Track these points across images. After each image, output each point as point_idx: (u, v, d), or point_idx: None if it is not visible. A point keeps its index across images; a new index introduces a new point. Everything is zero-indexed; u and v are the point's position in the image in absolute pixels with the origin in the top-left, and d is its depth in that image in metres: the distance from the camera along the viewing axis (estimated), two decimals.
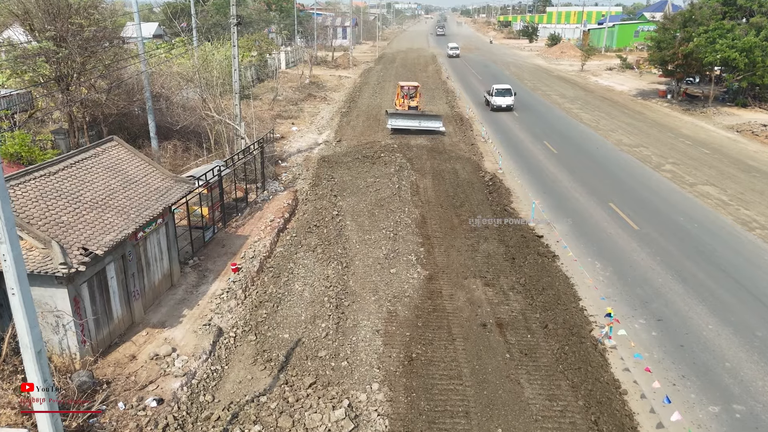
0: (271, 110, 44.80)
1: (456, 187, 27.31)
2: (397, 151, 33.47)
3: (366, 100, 51.46)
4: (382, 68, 77.10)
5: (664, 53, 48.60)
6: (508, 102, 45.88)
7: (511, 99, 46.01)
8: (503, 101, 45.96)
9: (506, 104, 45.84)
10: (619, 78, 68.31)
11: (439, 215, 23.64)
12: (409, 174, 29.15)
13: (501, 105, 45.83)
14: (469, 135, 38.23)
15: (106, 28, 24.96)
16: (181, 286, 17.08)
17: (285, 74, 67.05)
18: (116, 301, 14.03)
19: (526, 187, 27.51)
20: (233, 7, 25.06)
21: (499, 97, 46.10)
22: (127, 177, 15.46)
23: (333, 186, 27.28)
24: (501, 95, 46.25)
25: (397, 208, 24.08)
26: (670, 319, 15.70)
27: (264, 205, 23.92)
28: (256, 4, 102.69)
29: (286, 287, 17.40)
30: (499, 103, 45.84)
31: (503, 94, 46.36)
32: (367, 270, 18.59)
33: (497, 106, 46.03)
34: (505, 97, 46.04)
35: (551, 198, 25.90)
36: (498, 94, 46.34)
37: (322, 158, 32.38)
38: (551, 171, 29.97)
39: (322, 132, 39.32)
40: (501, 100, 46.00)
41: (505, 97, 46.09)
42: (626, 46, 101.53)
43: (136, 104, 27.21)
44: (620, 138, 37.46)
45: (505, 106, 45.76)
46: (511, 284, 17.68)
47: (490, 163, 31.72)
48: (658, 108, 49.61)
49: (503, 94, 46.36)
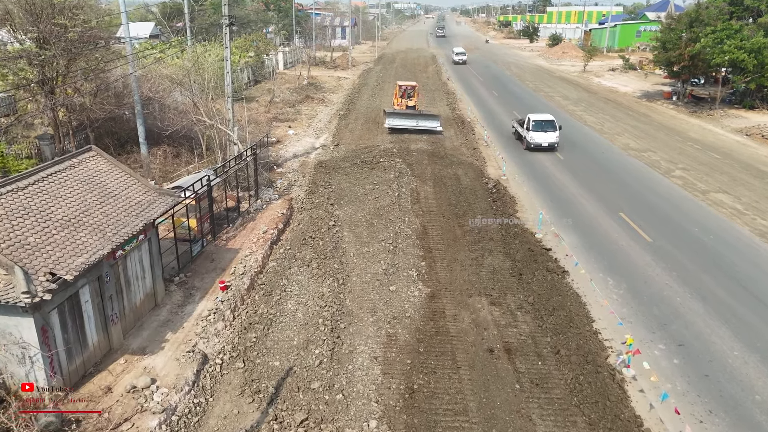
0: (267, 113, 43.67)
1: (458, 194, 26.17)
2: (397, 155, 32.33)
3: (365, 102, 50.32)
4: (382, 69, 75.94)
5: (669, 54, 47.48)
6: (551, 140, 33.04)
7: (555, 135, 33.23)
8: (544, 138, 33.05)
9: (548, 142, 32.98)
10: (623, 79, 67.17)
11: (441, 225, 22.50)
12: (409, 180, 28.01)
13: (541, 143, 32.93)
14: (470, 139, 37.09)
15: (92, 29, 23.78)
16: (166, 306, 15.93)
17: (283, 75, 65.93)
18: (91, 327, 12.89)
19: (532, 194, 26.37)
20: (225, 7, 23.90)
21: (539, 133, 33.34)
22: (106, 190, 14.31)
23: (330, 193, 26.14)
24: (541, 129, 33.51)
25: (396, 218, 22.94)
26: (692, 344, 14.56)
27: (257, 215, 22.76)
28: (254, 4, 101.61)
29: (278, 307, 16.26)
30: (539, 141, 32.95)
31: (544, 127, 33.66)
32: (364, 287, 17.45)
33: (536, 145, 33.04)
34: (546, 133, 33.29)
35: (558, 206, 24.76)
36: (537, 128, 33.56)
37: (319, 163, 31.25)
38: (557, 177, 28.82)
39: (320, 135, 38.18)
40: (541, 136, 33.14)
41: (547, 132, 33.37)
42: (628, 46, 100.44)
43: (124, 108, 26.03)
44: (627, 142, 36.32)
45: (547, 144, 32.93)
46: (518, 303, 16.54)
47: (494, 169, 30.58)
48: (663, 110, 48.47)
49: (544, 127, 33.66)
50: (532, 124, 33.86)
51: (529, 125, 33.85)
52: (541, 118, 34.56)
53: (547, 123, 33.95)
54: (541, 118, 34.45)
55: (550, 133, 33.38)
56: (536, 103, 50.26)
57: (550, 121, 34.09)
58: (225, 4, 23.94)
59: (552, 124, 33.94)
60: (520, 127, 35.59)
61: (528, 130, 33.75)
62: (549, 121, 34.08)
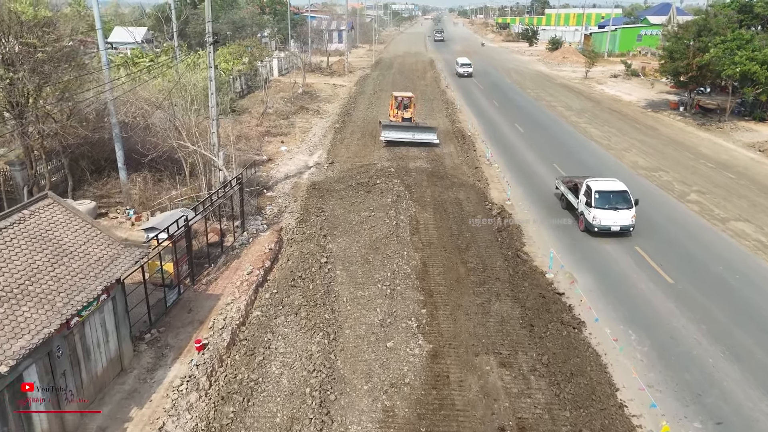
0: (259, 126, 41.84)
1: (460, 222, 24.38)
2: (395, 176, 30.56)
3: (361, 113, 48.51)
4: (379, 75, 74.18)
5: (677, 64, 45.76)
6: (625, 221, 22.54)
7: (630, 215, 22.64)
8: (615, 219, 22.52)
9: (621, 225, 22.51)
10: (626, 86, 65.50)
11: (443, 262, 20.68)
12: (408, 206, 26.23)
13: (610, 227, 22.52)
14: (471, 156, 35.31)
15: (64, 48, 21.91)
16: (134, 371, 14.09)
17: (277, 83, 64.07)
18: (39, 415, 11.05)
19: (539, 223, 24.57)
20: (208, 24, 22.06)
21: (607, 211, 22.60)
22: (60, 248, 12.47)
23: (323, 222, 24.33)
24: (609, 204, 22.78)
25: (394, 252, 21.15)
26: (732, 422, 12.79)
27: (242, 251, 20.91)
28: (250, 7, 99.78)
29: (260, 370, 14.44)
30: (607, 224, 22.51)
31: (613, 201, 22.86)
32: (358, 343, 15.64)
33: (602, 229, 22.49)
34: (618, 211, 22.64)
35: (569, 240, 22.94)
36: (603, 202, 22.76)
37: (312, 185, 29.44)
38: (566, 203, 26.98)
39: (314, 152, 36.36)
40: (610, 216, 22.55)
41: (619, 210, 22.66)
42: (629, 50, 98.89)
43: (100, 132, 24.17)
44: (635, 159, 34.58)
45: (619, 228, 22.54)
46: (531, 364, 14.75)
47: (497, 192, 28.79)
48: (670, 122, 46.76)
49: (613, 201, 22.86)
50: (596, 196, 22.57)
51: (592, 198, 22.64)
52: (608, 187, 23.14)
53: (618, 196, 22.84)
54: (609, 188, 23.10)
55: (623, 211, 22.38)
56: (538, 114, 48.49)
57: (621, 193, 22.97)
58: (208, 21, 22.09)
59: (625, 197, 22.82)
60: (571, 194, 24.85)
61: (590, 206, 22.65)
62: (620, 193, 22.96)
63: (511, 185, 29.37)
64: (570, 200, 25.22)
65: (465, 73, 71.48)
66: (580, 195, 23.81)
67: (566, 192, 25.79)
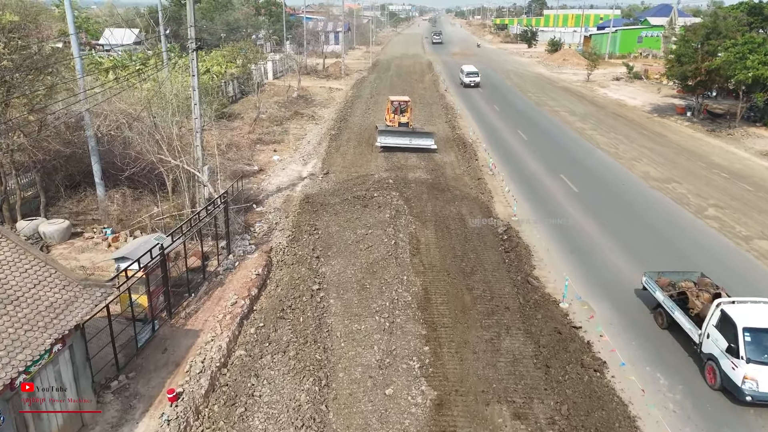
0: (251, 133, 40.07)
1: (464, 241, 22.65)
2: (393, 188, 28.83)
3: (358, 119, 46.75)
4: (376, 78, 72.43)
5: (685, 68, 44.09)
6: None
7: None
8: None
9: None
10: (629, 90, 63.90)
11: (447, 288, 18.94)
12: (407, 222, 24.51)
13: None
14: (473, 166, 33.57)
15: (33, 56, 20.11)
16: (95, 429, 12.31)
17: (272, 86, 62.33)
18: None
19: (548, 241, 22.84)
20: (191, 29, 20.27)
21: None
22: (5, 293, 10.69)
23: (316, 241, 22.58)
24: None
25: (393, 277, 19.42)
26: None
27: (227, 277, 19.12)
28: (244, 8, 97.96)
29: (241, 424, 12.68)
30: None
31: None
32: (353, 390, 13.88)
33: (763, 398, 13.21)
34: None
35: (582, 263, 21.17)
36: (760, 350, 13.45)
37: (305, 198, 27.67)
38: (576, 220, 25.24)
39: (308, 161, 34.58)
40: None
41: None
42: (630, 52, 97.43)
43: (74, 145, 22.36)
44: (646, 169, 32.88)
45: None
46: (549, 415, 13.02)
47: (502, 206, 27.06)
48: (678, 128, 45.11)
49: None
50: (748, 340, 13.50)
51: (739, 341, 13.48)
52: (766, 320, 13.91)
53: None
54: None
55: None
56: (541, 120, 46.80)
57: None
58: (190, 25, 20.31)
59: None
60: (680, 312, 15.80)
61: (736, 355, 13.44)
62: None
63: (517, 199, 27.62)
64: (679, 321, 15.74)
65: (471, 83, 63.54)
66: (707, 325, 14.49)
67: (668, 304, 16.29)
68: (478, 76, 64.61)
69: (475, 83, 63.76)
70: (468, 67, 66.75)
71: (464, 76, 64.79)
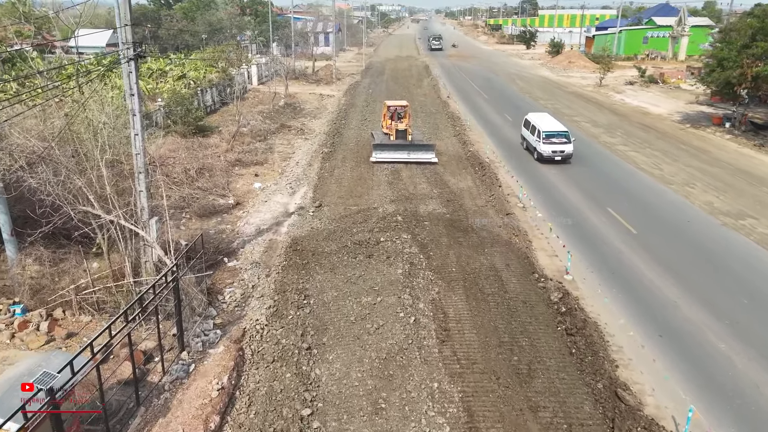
0: (229, 151, 33.87)
1: (508, 315, 16.70)
2: (403, 227, 22.95)
3: (353, 132, 40.72)
4: (370, 82, 66.47)
5: (728, 73, 38.48)
6: None
7: None
8: None
9: None
10: (648, 96, 58.34)
11: (499, 407, 12.93)
12: (427, 282, 18.61)
13: None
14: (498, 195, 27.62)
15: None
16: None
17: (256, 93, 56.15)
18: None
19: (623, 315, 16.90)
20: (124, 29, 14.11)
21: None
22: None
23: (306, 318, 16.54)
24: None
25: (418, 386, 13.48)
26: None
27: (175, 396, 12.96)
28: (229, 8, 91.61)
29: None
30: None
31: None
32: None
33: None
34: None
35: (681, 354, 15.16)
36: None
37: (292, 245, 21.65)
38: (649, 278, 19.20)
39: (296, 189, 28.46)
40: None
41: None
42: (636, 53, 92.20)
43: None
44: (708, 199, 27.09)
45: None
46: None
47: (546, 255, 21.12)
48: (720, 142, 39.47)
49: None
50: None
51: None
52: None
53: None
54: None
55: None
56: None
57: None
58: (122, 26, 14.15)
59: None
60: None
61: None
62: None
63: (561, 239, 21.66)
64: None
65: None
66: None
67: None
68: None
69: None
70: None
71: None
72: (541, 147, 32.14)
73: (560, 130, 32.99)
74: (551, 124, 33.58)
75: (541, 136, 32.44)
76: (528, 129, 34.97)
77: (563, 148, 32.05)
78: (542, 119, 34.54)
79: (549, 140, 32.14)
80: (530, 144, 34.16)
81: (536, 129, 33.33)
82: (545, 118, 35.18)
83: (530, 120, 34.94)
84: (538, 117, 35.29)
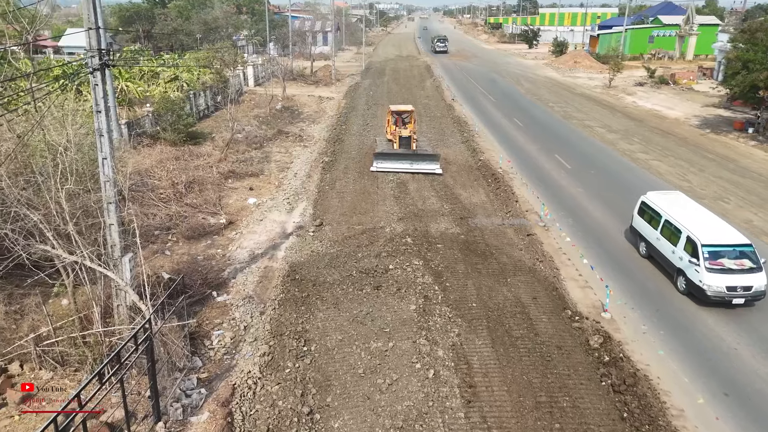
0: (222, 161, 31.40)
1: (543, 366, 14.30)
2: (413, 251, 20.62)
3: (355, 139, 38.27)
4: (371, 84, 64.01)
5: (755, 76, 36.15)
6: None
7: None
8: None
9: None
10: (660, 98, 55.97)
11: None
12: (444, 321, 16.24)
13: None
14: (515, 210, 25.25)
15: None
16: None
17: (252, 95, 53.72)
18: None
19: (681, 370, 14.48)
20: (88, 34, 11.68)
21: None
22: None
23: (306, 371, 14.15)
24: None
25: None
26: None
27: None
28: (225, 7, 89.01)
29: None
30: None
31: None
32: None
33: None
34: None
35: (759, 422, 12.89)
36: None
37: (290, 273, 19.25)
38: (694, 315, 16.94)
39: (294, 205, 26.04)
40: None
41: None
42: (642, 53, 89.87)
43: None
44: (746, 216, 24.73)
45: None
46: None
47: (576, 287, 18.72)
48: (745, 149, 37.11)
49: None
50: None
51: None
52: None
53: None
54: None
55: None
56: (576, 139, 38.52)
57: None
58: (92, 28, 11.72)
59: None
60: None
61: None
62: None
63: (603, 279, 19.13)
64: None
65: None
66: None
67: None
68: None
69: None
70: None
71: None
72: (705, 277, 16.69)
73: (738, 241, 17.40)
74: (714, 227, 17.96)
75: (700, 254, 16.93)
76: (653, 223, 19.58)
77: (750, 281, 16.56)
78: (686, 209, 19.10)
79: (717, 262, 16.91)
80: (666, 256, 18.77)
81: (681, 233, 17.85)
82: (689, 206, 19.55)
83: (659, 209, 19.43)
84: (673, 202, 19.80)
